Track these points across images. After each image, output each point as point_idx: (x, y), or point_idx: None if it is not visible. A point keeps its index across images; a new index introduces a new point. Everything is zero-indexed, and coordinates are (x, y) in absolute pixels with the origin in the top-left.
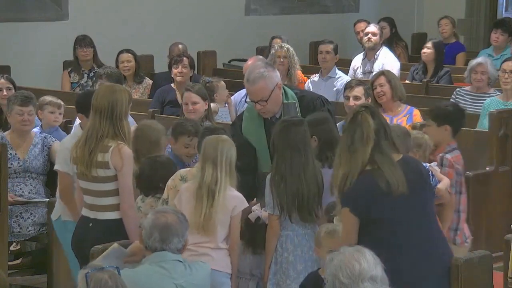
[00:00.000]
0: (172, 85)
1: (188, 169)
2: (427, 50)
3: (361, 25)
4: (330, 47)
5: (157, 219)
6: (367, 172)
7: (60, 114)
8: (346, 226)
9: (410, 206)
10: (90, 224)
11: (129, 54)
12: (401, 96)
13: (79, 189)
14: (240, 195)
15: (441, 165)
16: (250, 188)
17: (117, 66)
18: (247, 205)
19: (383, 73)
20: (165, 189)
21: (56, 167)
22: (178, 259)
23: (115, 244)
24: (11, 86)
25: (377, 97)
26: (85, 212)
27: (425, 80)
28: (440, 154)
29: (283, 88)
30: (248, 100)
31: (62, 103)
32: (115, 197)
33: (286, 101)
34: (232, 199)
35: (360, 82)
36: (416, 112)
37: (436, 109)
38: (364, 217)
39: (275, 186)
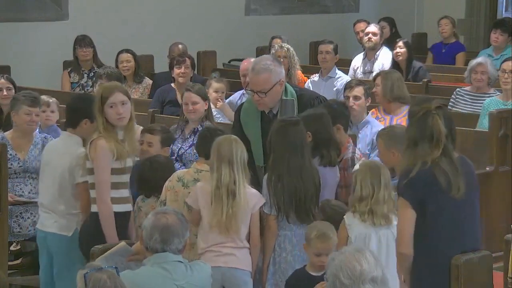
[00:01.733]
0: (173, 85)
1: (185, 170)
2: (401, 50)
3: (361, 25)
4: (330, 47)
5: (157, 220)
6: (428, 167)
7: (52, 112)
8: (401, 217)
9: (462, 208)
10: (89, 218)
11: (129, 54)
12: (397, 97)
13: (86, 194)
14: (257, 192)
15: (353, 165)
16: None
17: (116, 66)
18: (265, 200)
19: (379, 73)
20: (163, 190)
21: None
22: (179, 260)
23: (123, 243)
24: (11, 86)
25: (375, 97)
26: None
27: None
28: (348, 156)
29: (285, 85)
30: (248, 88)
31: (51, 100)
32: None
33: (285, 98)
34: (252, 197)
35: (360, 82)
36: None
37: None
38: (419, 210)
39: (273, 186)
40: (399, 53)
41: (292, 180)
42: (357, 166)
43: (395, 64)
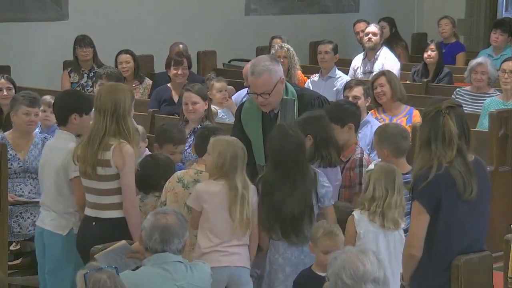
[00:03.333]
0: (169, 84)
1: (185, 170)
2: (432, 52)
3: (361, 25)
4: (329, 47)
5: (157, 221)
6: (445, 169)
7: (51, 113)
8: (416, 220)
9: (472, 209)
10: (93, 223)
11: (128, 55)
12: (401, 96)
13: (81, 188)
14: (254, 187)
15: (360, 166)
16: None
17: (116, 67)
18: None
19: (383, 73)
20: (163, 191)
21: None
22: (179, 260)
23: (123, 241)
24: (11, 86)
25: (377, 97)
26: (88, 211)
27: (425, 80)
28: (356, 156)
29: (285, 83)
30: (250, 92)
31: (52, 101)
32: (116, 196)
33: (285, 97)
34: (254, 193)
35: (359, 82)
36: (416, 113)
37: (335, 111)
38: (433, 213)
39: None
40: (430, 56)
41: (279, 200)
42: (371, 166)
43: (424, 66)
